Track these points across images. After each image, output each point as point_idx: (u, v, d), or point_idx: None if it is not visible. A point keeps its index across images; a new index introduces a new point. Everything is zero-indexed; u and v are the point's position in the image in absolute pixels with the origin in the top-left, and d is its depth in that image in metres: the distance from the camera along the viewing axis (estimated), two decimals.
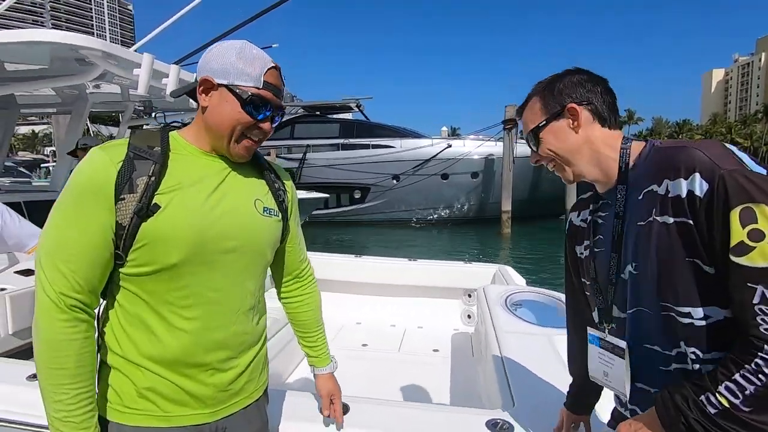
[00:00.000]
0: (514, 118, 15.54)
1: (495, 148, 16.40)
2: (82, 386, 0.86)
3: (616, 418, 1.00)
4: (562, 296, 2.45)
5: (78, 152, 3.67)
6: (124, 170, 0.86)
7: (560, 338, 1.82)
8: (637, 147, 0.89)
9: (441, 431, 1.26)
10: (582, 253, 1.01)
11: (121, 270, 0.90)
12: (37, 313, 0.84)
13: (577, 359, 1.09)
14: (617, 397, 0.98)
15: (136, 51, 3.94)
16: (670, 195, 0.77)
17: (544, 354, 1.71)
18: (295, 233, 1.17)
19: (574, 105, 0.90)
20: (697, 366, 0.78)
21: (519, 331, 1.94)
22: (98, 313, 0.94)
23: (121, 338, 0.91)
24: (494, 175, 16.51)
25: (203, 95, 0.94)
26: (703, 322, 0.77)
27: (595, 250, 0.96)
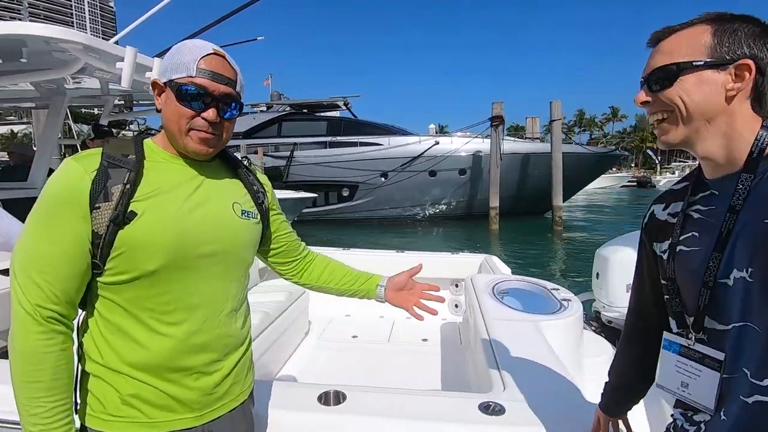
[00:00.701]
0: (501, 114, 15.67)
1: (482, 144, 16.52)
2: (58, 399, 0.84)
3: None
4: (548, 283, 2.55)
5: (88, 142, 3.61)
6: (98, 179, 0.86)
7: (547, 324, 1.93)
8: None
9: (436, 415, 1.28)
10: (664, 251, 0.87)
11: (99, 279, 0.89)
12: (13, 325, 0.83)
13: (628, 363, 1.02)
14: (681, 411, 0.88)
15: (116, 44, 3.86)
16: None
17: (532, 339, 1.75)
18: (284, 223, 1.20)
19: (749, 62, 0.72)
20: None
21: (507, 317, 1.99)
22: (77, 323, 0.93)
23: (102, 347, 0.90)
24: (482, 172, 16.64)
25: (157, 99, 0.95)
26: None
27: (683, 249, 0.83)
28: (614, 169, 21.93)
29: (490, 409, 1.28)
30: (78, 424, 0.91)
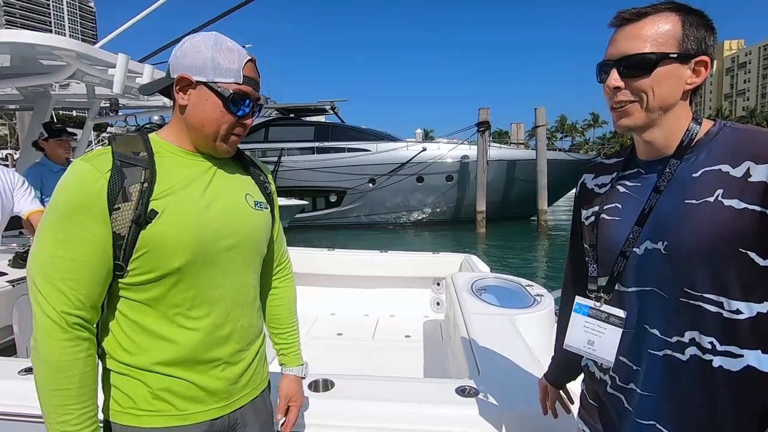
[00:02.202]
0: (487, 120, 15.91)
1: (469, 150, 16.71)
2: (87, 404, 0.85)
3: (589, 383, 0.98)
4: (522, 280, 2.74)
5: (40, 143, 3.57)
6: (114, 179, 0.84)
7: (521, 317, 2.09)
8: (706, 124, 0.81)
9: (417, 398, 1.39)
10: (587, 218, 0.94)
11: (121, 280, 0.89)
12: (37, 334, 0.82)
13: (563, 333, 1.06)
14: (591, 368, 0.97)
15: (100, 49, 3.84)
16: (750, 179, 0.71)
17: (506, 331, 1.89)
18: (278, 224, 1.19)
19: (708, 60, 0.76)
20: (708, 356, 0.75)
21: (484, 312, 2.11)
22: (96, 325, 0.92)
23: (129, 347, 0.90)
24: (469, 177, 16.82)
25: (181, 94, 0.92)
26: (736, 316, 0.73)
27: (605, 217, 0.89)
28: None
29: (466, 392, 1.39)
30: (101, 419, 0.91)
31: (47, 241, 0.84)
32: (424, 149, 16.98)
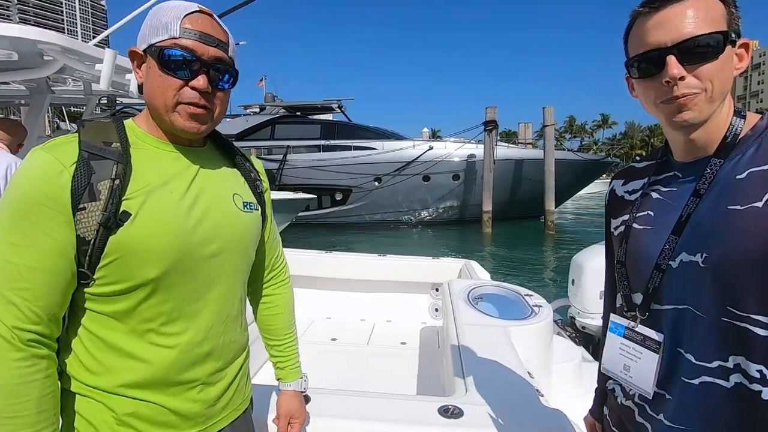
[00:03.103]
0: (495, 119, 15.77)
1: (476, 149, 16.60)
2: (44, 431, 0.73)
3: (614, 409, 0.88)
4: (521, 289, 2.59)
5: None
6: (79, 174, 0.72)
7: (516, 329, 1.98)
8: (752, 118, 0.73)
9: (395, 417, 1.31)
10: (617, 228, 0.86)
11: (86, 290, 0.77)
12: None
13: None
14: (616, 392, 0.88)
15: (99, 43, 3.83)
16: None
17: (500, 345, 1.81)
18: (272, 225, 1.07)
19: (749, 41, 0.71)
20: (756, 386, 0.65)
21: (478, 323, 2.03)
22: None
23: (92, 366, 0.79)
24: (476, 177, 16.69)
25: (138, 72, 0.82)
26: None
27: (636, 227, 0.80)
28: (604, 176, 22.19)
29: (449, 412, 1.31)
30: None
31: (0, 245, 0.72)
32: (431, 148, 16.90)
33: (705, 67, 0.68)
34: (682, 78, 0.68)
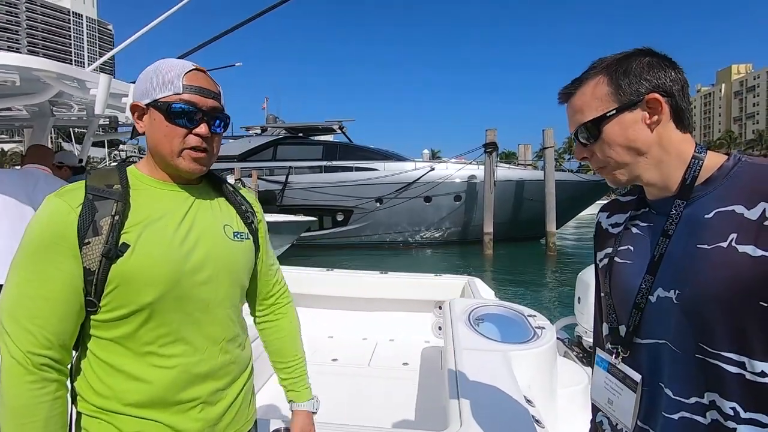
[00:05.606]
0: (494, 141, 15.90)
1: (477, 171, 16.69)
2: None
3: None
4: (525, 309, 2.54)
5: (53, 169, 3.52)
6: (85, 213, 0.83)
7: (516, 354, 1.90)
8: (715, 158, 0.75)
9: None
10: (601, 261, 0.89)
11: (93, 317, 0.86)
12: (2, 377, 0.80)
13: None
14: (604, 425, 0.91)
15: (105, 64, 3.86)
16: (767, 223, 0.65)
17: (499, 372, 1.75)
18: (266, 253, 1.14)
19: (656, 96, 0.74)
20: (730, 424, 0.67)
21: (477, 347, 1.96)
22: (69, 366, 0.90)
23: (101, 389, 0.87)
24: (477, 198, 16.74)
25: (139, 123, 0.94)
26: (761, 378, 0.65)
27: (617, 260, 0.84)
28: (605, 198, 22.30)
29: None
30: None
31: (17, 280, 0.83)
32: (432, 169, 17.01)
33: (596, 147, 0.79)
34: (584, 158, 0.83)
